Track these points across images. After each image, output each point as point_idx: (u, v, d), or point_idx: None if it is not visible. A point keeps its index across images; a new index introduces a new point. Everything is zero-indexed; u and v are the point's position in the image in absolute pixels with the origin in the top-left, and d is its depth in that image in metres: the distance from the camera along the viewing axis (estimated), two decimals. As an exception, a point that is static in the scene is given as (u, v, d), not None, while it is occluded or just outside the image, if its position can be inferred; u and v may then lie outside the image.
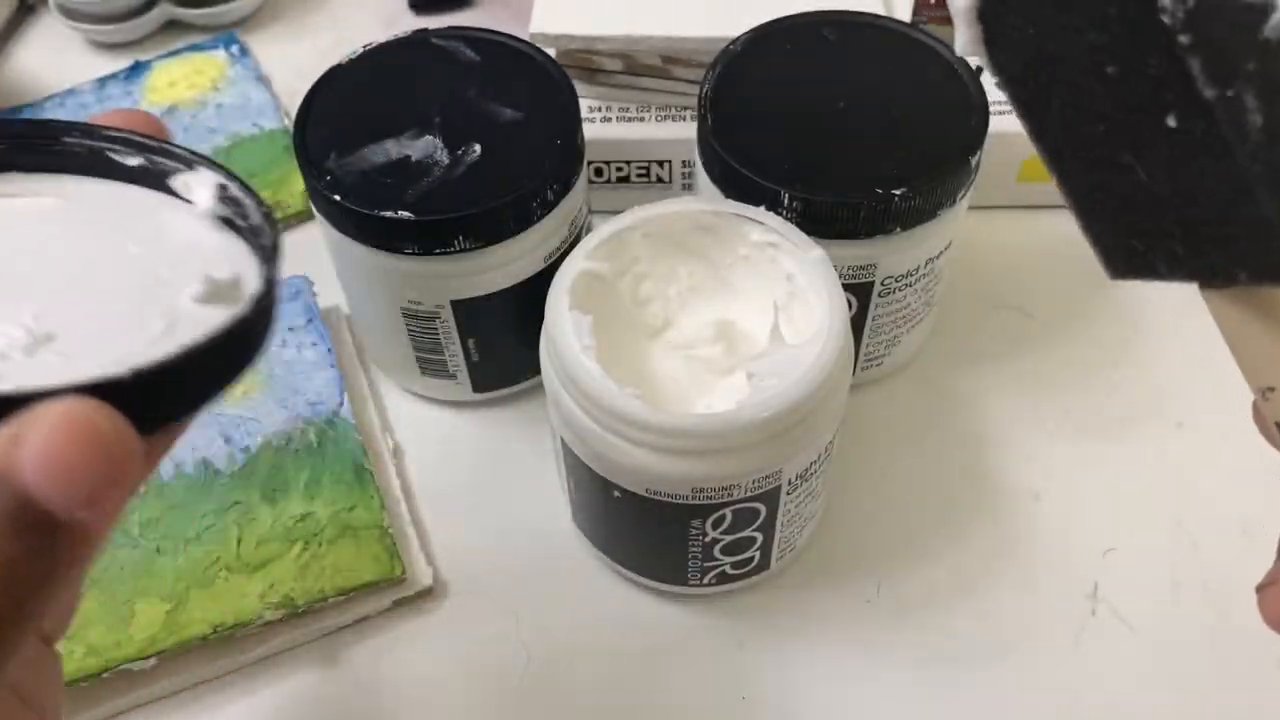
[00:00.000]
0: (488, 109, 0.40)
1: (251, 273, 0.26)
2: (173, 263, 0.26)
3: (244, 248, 0.27)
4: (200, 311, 0.24)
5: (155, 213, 0.27)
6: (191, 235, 0.27)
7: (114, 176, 0.28)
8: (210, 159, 0.27)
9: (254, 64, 0.58)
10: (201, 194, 0.27)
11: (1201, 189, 0.24)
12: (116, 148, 0.27)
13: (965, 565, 0.41)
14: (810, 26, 0.42)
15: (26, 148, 0.27)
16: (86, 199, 0.27)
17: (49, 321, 0.23)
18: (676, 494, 0.33)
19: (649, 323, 0.37)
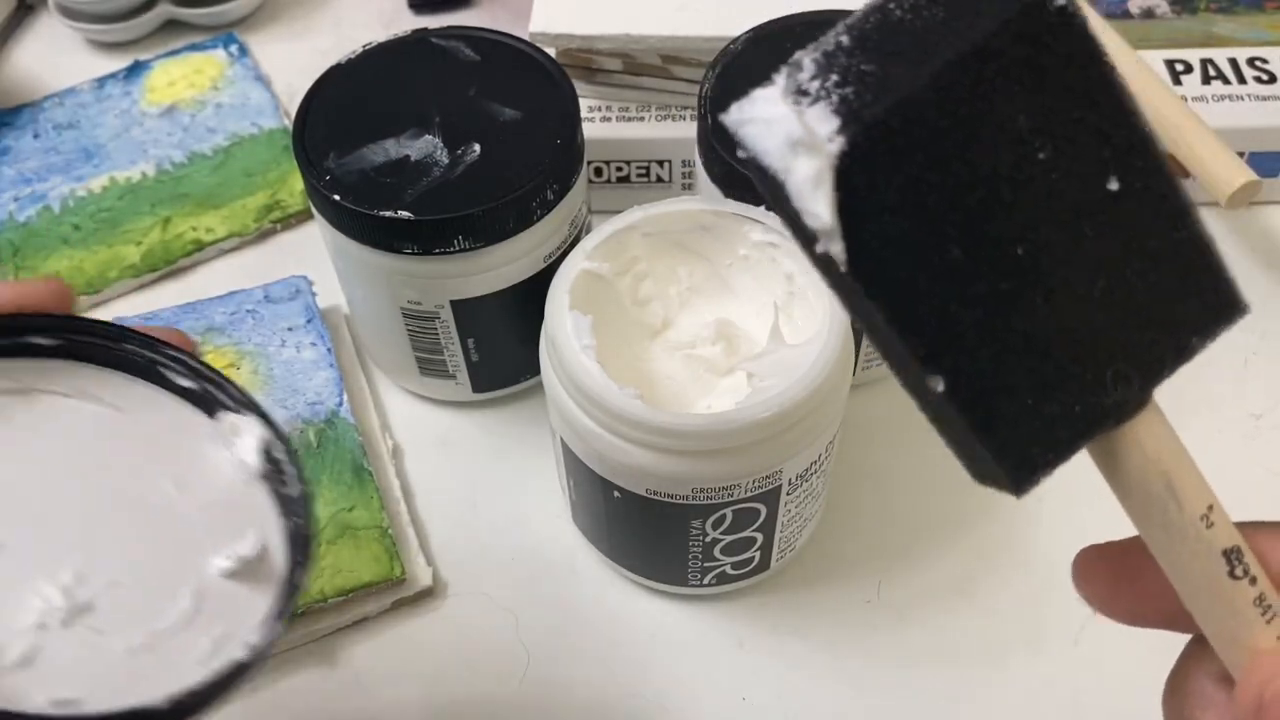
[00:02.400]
0: (487, 109, 0.40)
1: (276, 542, 0.26)
2: (208, 519, 0.26)
3: (274, 513, 0.27)
4: (226, 587, 0.25)
5: (198, 446, 0.27)
6: (229, 487, 0.27)
7: (167, 389, 0.28)
8: (259, 406, 0.27)
9: (253, 63, 0.58)
10: (246, 444, 0.27)
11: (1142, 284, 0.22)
12: (175, 367, 0.27)
13: (965, 565, 0.41)
14: (810, 26, 0.42)
15: (89, 345, 0.27)
16: (136, 410, 0.27)
17: (87, 586, 0.24)
18: (676, 494, 0.33)
19: (649, 323, 0.37)
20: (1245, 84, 0.48)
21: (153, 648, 0.24)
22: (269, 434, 0.27)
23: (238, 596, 0.25)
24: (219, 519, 0.26)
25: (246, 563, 0.25)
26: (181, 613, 0.24)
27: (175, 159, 0.54)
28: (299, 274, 0.48)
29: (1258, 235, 0.49)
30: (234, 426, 0.27)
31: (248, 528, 0.26)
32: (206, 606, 0.25)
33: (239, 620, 0.25)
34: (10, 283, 0.27)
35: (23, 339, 0.26)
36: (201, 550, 0.25)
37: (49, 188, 0.53)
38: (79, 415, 0.27)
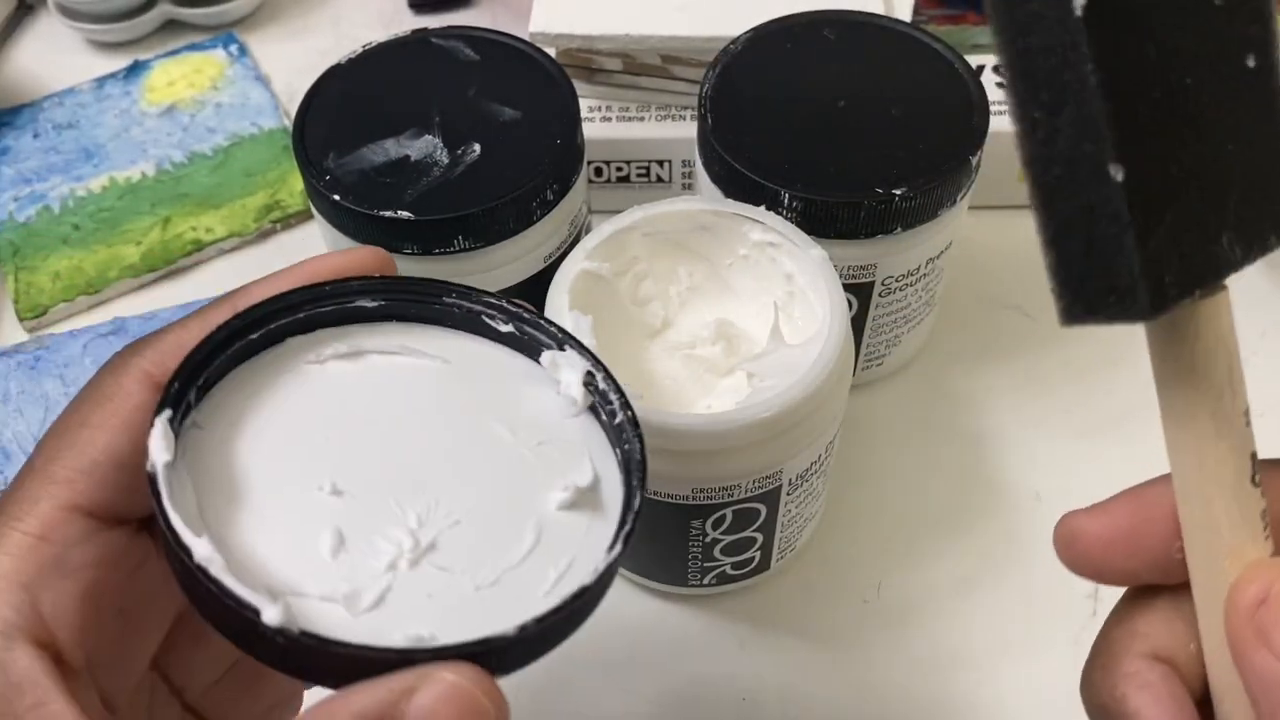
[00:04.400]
0: (487, 108, 0.40)
1: (611, 475, 0.27)
2: (540, 454, 0.27)
3: (604, 442, 0.27)
4: (564, 518, 0.26)
5: (523, 386, 0.28)
6: (556, 422, 0.27)
7: (488, 337, 0.28)
8: (579, 342, 0.28)
9: (253, 63, 0.58)
10: (569, 378, 0.27)
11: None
12: (492, 313, 0.28)
13: (965, 565, 0.41)
14: (810, 26, 0.42)
15: (411, 302, 0.28)
16: (461, 360, 0.28)
17: (431, 526, 0.25)
18: (676, 494, 0.33)
19: (649, 323, 0.37)
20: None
21: (499, 582, 0.24)
22: (589, 364, 0.27)
23: (578, 527, 0.26)
24: (552, 455, 0.27)
25: (582, 493, 0.26)
26: (525, 547, 0.25)
27: (175, 159, 0.54)
28: (299, 274, 0.47)
29: (1258, 235, 0.49)
30: (555, 364, 0.28)
31: (581, 460, 0.27)
32: (548, 539, 0.25)
33: (582, 549, 0.25)
34: (335, 253, 0.28)
35: (350, 302, 0.27)
36: (538, 487, 0.26)
37: (49, 188, 0.53)
38: (408, 370, 0.27)
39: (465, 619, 0.23)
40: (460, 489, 0.25)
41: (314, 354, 0.27)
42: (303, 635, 0.21)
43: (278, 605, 0.21)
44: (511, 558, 0.25)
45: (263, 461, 0.25)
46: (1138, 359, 0.49)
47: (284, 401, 0.26)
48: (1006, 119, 0.47)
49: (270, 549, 0.23)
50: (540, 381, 0.28)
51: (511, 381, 0.28)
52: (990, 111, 0.39)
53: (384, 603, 0.23)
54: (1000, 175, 0.49)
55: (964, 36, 0.51)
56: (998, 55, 0.21)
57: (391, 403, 0.27)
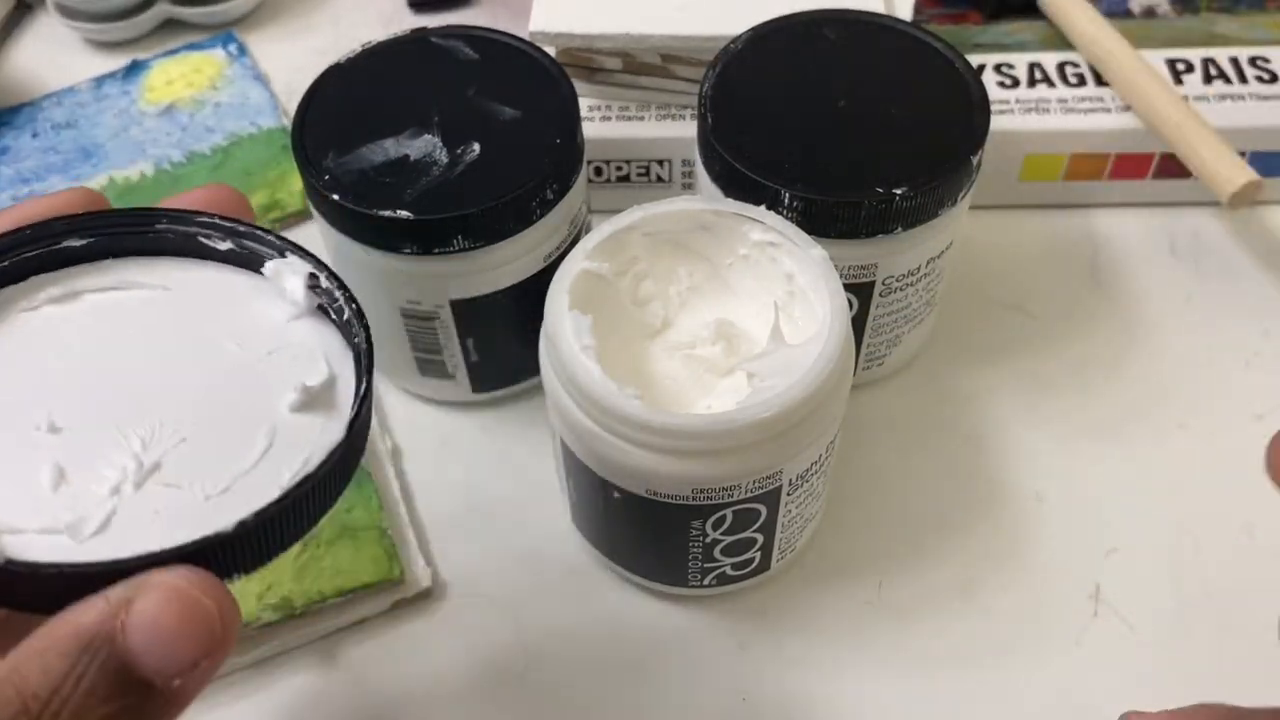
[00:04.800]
0: (487, 108, 0.40)
1: (344, 371, 0.26)
2: (270, 362, 0.26)
3: (336, 341, 0.27)
4: (297, 420, 0.25)
5: (249, 300, 0.28)
6: (285, 328, 0.27)
7: (207, 258, 0.28)
8: (300, 247, 0.28)
9: (252, 63, 0.58)
10: (293, 282, 0.27)
11: None
12: (208, 233, 0.28)
13: (966, 566, 0.40)
14: (810, 26, 0.42)
15: (122, 235, 0.28)
16: (182, 286, 0.28)
17: (156, 448, 0.25)
18: (676, 495, 0.33)
19: (649, 323, 0.37)
20: (1247, 83, 0.48)
21: (230, 489, 0.24)
22: (311, 266, 0.27)
23: (313, 427, 0.25)
24: (283, 361, 0.27)
25: (313, 392, 0.26)
26: (256, 453, 0.25)
27: (174, 158, 0.54)
28: (298, 274, 0.47)
29: (1258, 235, 0.49)
30: (278, 272, 0.27)
31: (315, 361, 0.26)
32: (281, 442, 0.25)
33: (317, 447, 0.25)
34: (42, 196, 0.27)
35: (58, 243, 0.27)
36: (270, 394, 0.26)
37: (47, 187, 0.53)
38: (128, 304, 0.27)
39: (194, 529, 0.22)
40: (187, 408, 0.25)
41: (27, 301, 0.27)
42: (9, 564, 0.21)
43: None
44: (243, 465, 0.25)
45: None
46: (1138, 359, 0.49)
47: (5, 351, 0.26)
48: (1007, 118, 0.47)
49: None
50: (266, 293, 0.28)
51: (236, 298, 0.28)
52: (990, 111, 0.39)
53: (109, 527, 0.23)
54: (1002, 175, 0.49)
55: (964, 36, 0.51)
56: None
57: (111, 338, 0.27)
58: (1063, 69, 0.50)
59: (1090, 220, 0.50)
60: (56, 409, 0.25)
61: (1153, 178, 0.49)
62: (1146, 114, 0.46)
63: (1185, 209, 0.50)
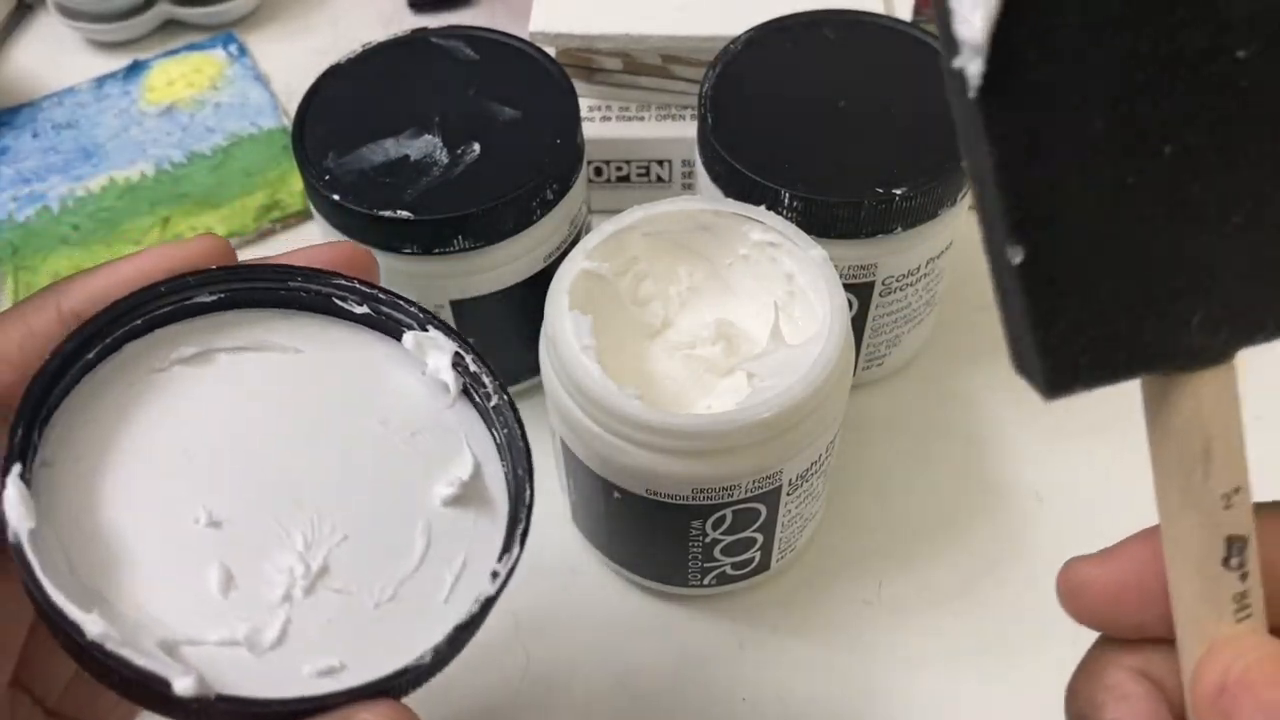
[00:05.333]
0: (487, 108, 0.40)
1: (490, 460, 0.26)
2: (414, 445, 0.25)
3: (480, 427, 0.26)
4: (450, 515, 0.25)
5: (386, 373, 0.26)
6: (427, 409, 0.26)
7: (342, 318, 0.27)
8: (442, 321, 0.26)
9: (252, 63, 0.58)
10: (437, 360, 0.26)
11: None
12: (343, 295, 0.26)
13: (966, 566, 0.41)
14: (810, 26, 0.42)
15: (252, 290, 0.26)
16: (317, 349, 0.26)
17: (319, 546, 0.24)
18: (676, 494, 0.33)
19: (649, 323, 0.37)
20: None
21: (397, 596, 0.23)
22: (457, 345, 0.26)
23: (465, 522, 0.25)
24: (429, 445, 0.25)
25: (465, 485, 0.25)
26: (417, 554, 0.24)
27: (174, 159, 0.54)
28: (298, 274, 0.47)
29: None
30: (420, 346, 0.26)
31: (460, 448, 0.25)
32: (437, 540, 0.24)
33: (473, 546, 0.24)
34: (170, 244, 0.26)
35: (188, 299, 0.25)
36: (419, 482, 0.25)
37: (48, 187, 0.53)
38: (261, 366, 0.26)
39: (370, 641, 0.22)
40: (341, 498, 0.24)
41: (157, 360, 0.25)
42: (219, 700, 0.20)
43: (190, 676, 0.20)
44: (405, 567, 0.24)
45: (127, 497, 0.23)
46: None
47: (134, 421, 0.24)
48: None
49: (158, 600, 0.22)
50: (404, 365, 0.26)
51: (373, 368, 0.26)
52: (990, 111, 0.39)
53: (286, 637, 0.22)
54: (1000, 175, 0.49)
55: (964, 36, 0.51)
56: None
57: (249, 407, 0.25)
58: (1062, 69, 0.50)
59: (1090, 220, 0.50)
60: (211, 496, 0.23)
61: (1152, 178, 0.49)
62: None
63: (1185, 209, 0.50)
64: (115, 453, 0.24)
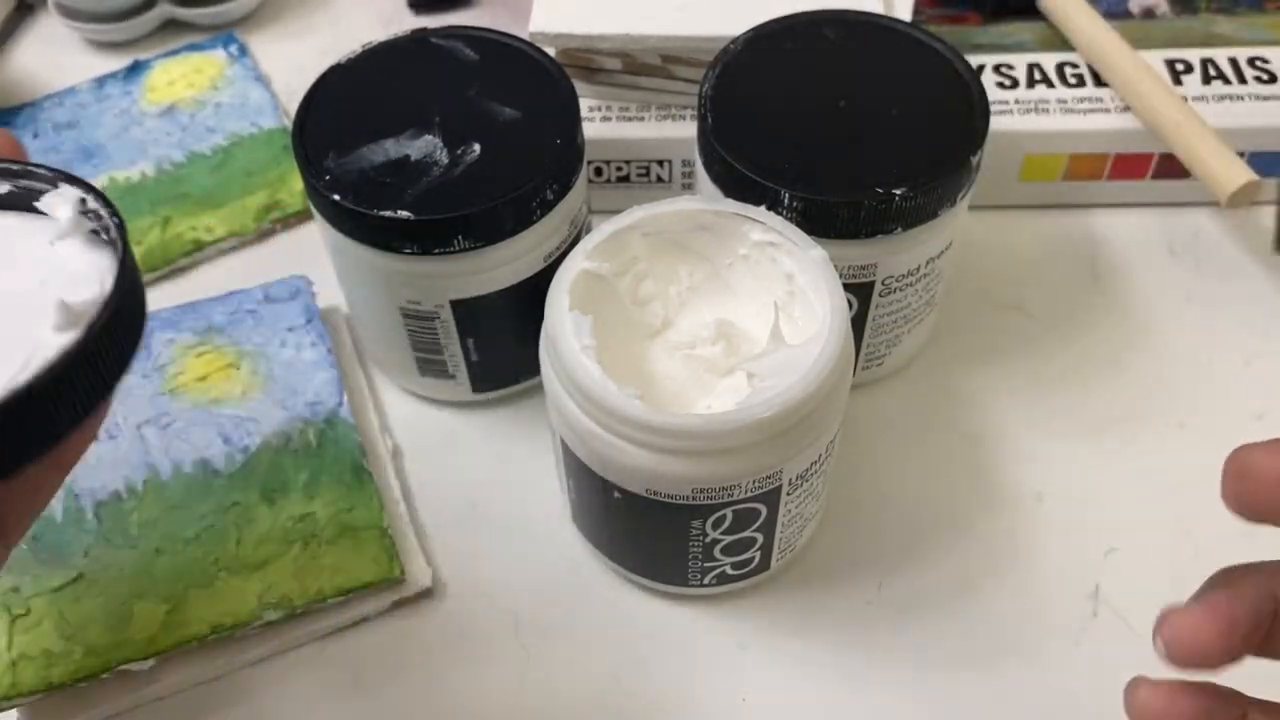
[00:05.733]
0: (487, 109, 0.40)
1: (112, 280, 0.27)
2: (42, 292, 0.27)
3: (110, 262, 0.27)
4: (61, 340, 0.25)
5: (24, 237, 0.28)
6: (57, 257, 0.28)
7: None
8: (72, 175, 0.28)
9: (253, 63, 0.58)
10: (63, 210, 0.28)
11: None
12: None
13: (966, 566, 0.41)
14: (810, 26, 0.42)
15: None
16: None
17: None
18: (676, 494, 0.33)
19: (649, 323, 0.37)
20: (1246, 84, 0.48)
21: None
22: (81, 190, 0.28)
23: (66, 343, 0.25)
24: (60, 284, 0.27)
25: (75, 309, 0.26)
26: (12, 373, 0.25)
27: (175, 159, 0.54)
28: (299, 274, 0.47)
29: (1257, 235, 0.49)
30: (52, 205, 0.28)
31: (81, 280, 0.27)
32: (35, 361, 0.25)
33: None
34: None
35: None
36: (36, 316, 0.26)
37: (48, 188, 0.53)
38: None
39: None
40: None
41: None
42: None
43: None
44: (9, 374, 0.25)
45: None
46: (1137, 359, 0.49)
47: None
48: (1007, 119, 0.47)
49: None
50: (43, 230, 0.28)
51: (20, 240, 0.28)
52: (990, 111, 0.39)
53: None
54: (1000, 175, 0.49)
55: (964, 36, 0.51)
56: None
57: None
58: (1062, 69, 0.50)
59: (1089, 220, 0.50)
60: None
61: (1152, 178, 0.49)
62: (1145, 114, 0.47)
63: (1184, 209, 0.50)
64: None
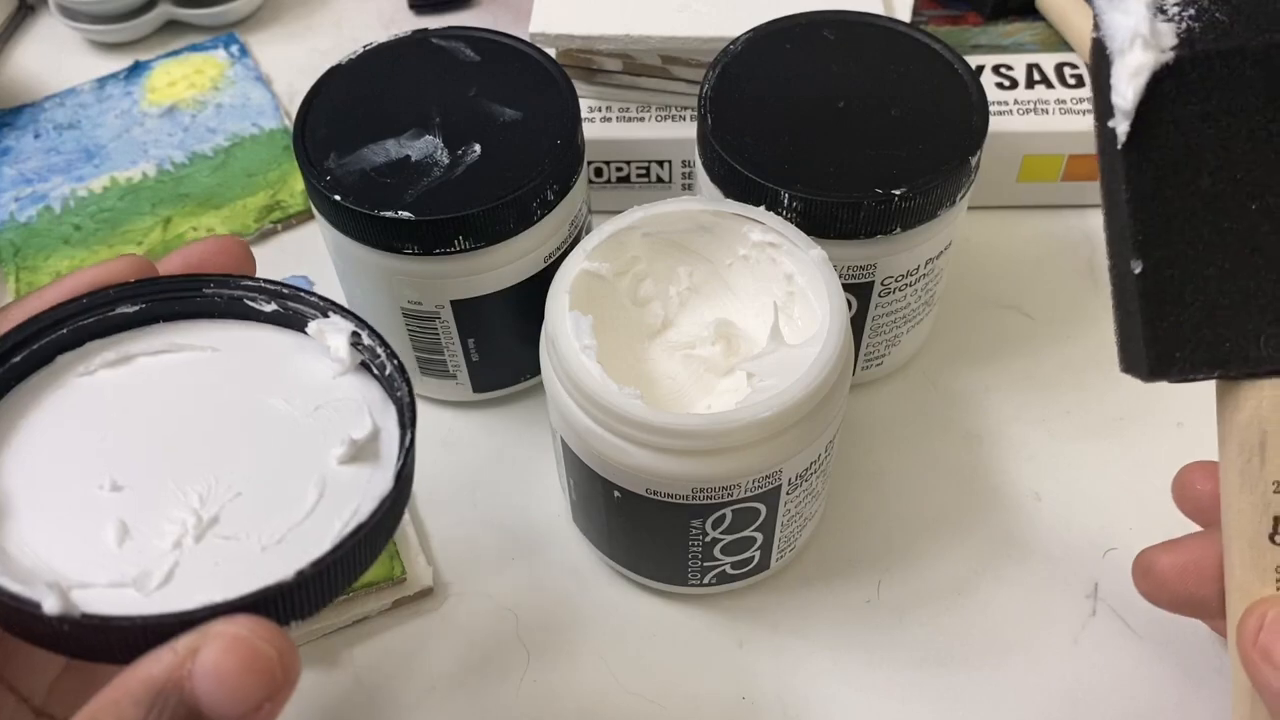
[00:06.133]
0: (487, 109, 0.40)
1: (389, 424, 0.28)
2: (318, 418, 0.28)
3: (379, 395, 0.28)
4: (346, 472, 0.27)
5: (294, 359, 0.29)
6: (330, 384, 0.29)
7: (255, 320, 0.29)
8: (341, 306, 0.29)
9: (254, 64, 0.58)
10: (336, 340, 0.28)
11: None
12: (253, 295, 0.29)
13: (965, 565, 0.41)
14: (810, 26, 0.42)
15: (171, 300, 0.29)
16: (230, 347, 0.29)
17: (213, 502, 0.26)
18: (676, 494, 0.33)
19: (649, 323, 0.37)
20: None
21: (285, 540, 0.25)
22: (353, 324, 0.28)
23: (360, 478, 0.26)
24: (330, 416, 0.28)
25: (360, 445, 0.27)
26: (308, 505, 0.26)
27: (176, 159, 0.54)
28: (299, 274, 0.48)
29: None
30: (321, 331, 0.29)
31: (360, 416, 0.28)
32: (331, 494, 0.26)
33: (365, 497, 0.26)
34: (94, 266, 0.29)
35: (111, 310, 0.28)
36: (319, 448, 0.27)
37: (50, 188, 0.53)
38: (179, 365, 0.28)
39: (253, 578, 0.23)
40: (240, 464, 0.26)
41: (83, 366, 0.28)
42: (84, 618, 0.22)
43: (56, 596, 0.22)
44: (295, 516, 0.25)
45: (37, 473, 0.25)
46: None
47: (56, 415, 0.27)
48: (1006, 119, 0.48)
49: (53, 548, 0.24)
50: (311, 351, 0.29)
51: (283, 357, 0.29)
52: (990, 112, 0.39)
53: (172, 579, 0.24)
54: (1000, 175, 0.49)
55: (964, 36, 0.52)
56: None
57: (166, 398, 0.28)
58: (1061, 70, 0.50)
59: (1088, 220, 0.50)
60: (117, 468, 0.26)
61: (1152, 178, 0.49)
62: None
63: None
64: (33, 439, 0.26)
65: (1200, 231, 0.26)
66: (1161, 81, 0.25)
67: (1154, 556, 0.33)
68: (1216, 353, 0.27)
